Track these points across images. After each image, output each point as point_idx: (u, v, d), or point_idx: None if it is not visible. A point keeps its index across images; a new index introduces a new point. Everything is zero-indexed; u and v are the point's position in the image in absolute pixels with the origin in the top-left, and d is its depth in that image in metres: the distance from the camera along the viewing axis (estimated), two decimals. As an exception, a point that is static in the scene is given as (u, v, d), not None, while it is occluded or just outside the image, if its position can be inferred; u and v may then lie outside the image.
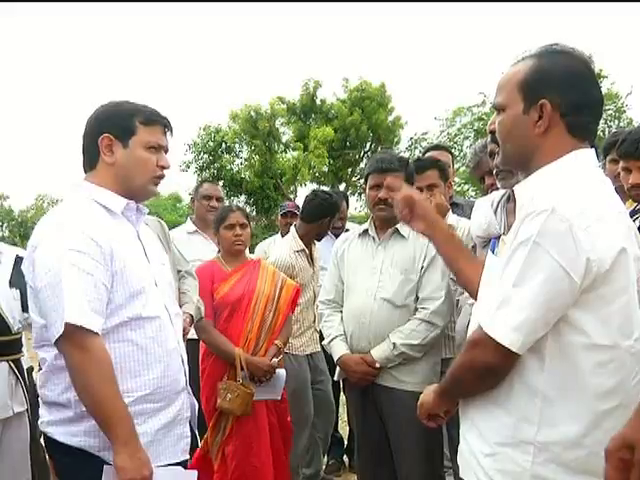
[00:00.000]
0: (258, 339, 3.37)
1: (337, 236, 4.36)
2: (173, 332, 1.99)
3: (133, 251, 1.95)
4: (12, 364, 2.77)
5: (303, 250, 3.85)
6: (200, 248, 4.10)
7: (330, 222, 3.94)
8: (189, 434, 2.04)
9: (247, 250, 3.71)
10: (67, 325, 1.73)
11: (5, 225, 37.90)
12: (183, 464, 2.00)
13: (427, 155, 3.96)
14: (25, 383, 2.85)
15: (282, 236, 4.72)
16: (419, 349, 2.84)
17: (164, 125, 2.02)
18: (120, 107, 2.00)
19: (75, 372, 1.76)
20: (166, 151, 2.03)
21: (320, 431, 3.99)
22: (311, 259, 3.94)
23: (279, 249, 3.93)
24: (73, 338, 1.74)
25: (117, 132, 1.94)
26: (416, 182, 3.12)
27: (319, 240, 4.02)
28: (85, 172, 2.01)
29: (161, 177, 2.02)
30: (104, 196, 1.94)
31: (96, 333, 1.76)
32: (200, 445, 3.23)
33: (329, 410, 4.02)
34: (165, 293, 2.02)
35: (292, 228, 3.98)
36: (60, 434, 1.84)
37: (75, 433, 1.82)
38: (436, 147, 4.45)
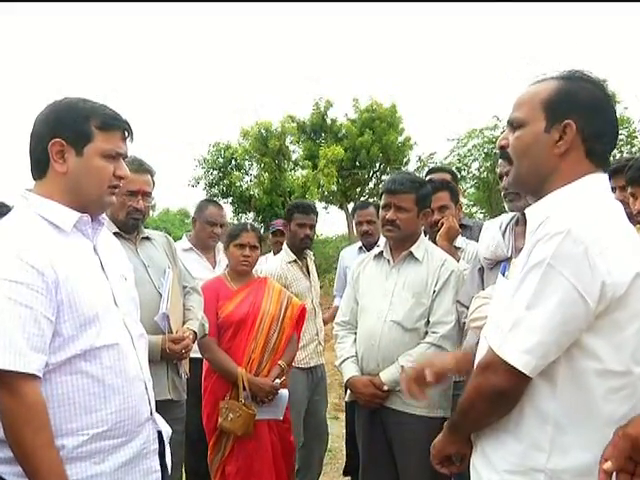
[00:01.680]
0: (261, 359, 3.34)
1: (368, 247, 4.19)
2: (135, 357, 1.79)
3: (87, 270, 1.73)
4: None
5: (295, 261, 3.90)
6: (194, 266, 4.02)
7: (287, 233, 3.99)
8: (158, 468, 1.85)
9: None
10: None
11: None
12: None
13: (428, 177, 3.95)
14: None
15: (274, 254, 4.81)
16: (427, 373, 2.80)
17: (124, 130, 1.79)
18: (74, 107, 1.74)
19: (4, 417, 1.56)
20: (124, 157, 1.81)
21: (312, 453, 3.92)
22: (307, 271, 3.96)
23: (272, 262, 4.01)
24: (3, 381, 1.54)
25: (70, 137, 1.70)
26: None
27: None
28: (34, 179, 1.78)
29: (117, 187, 1.80)
30: (52, 211, 1.71)
31: (32, 375, 1.55)
32: None
33: (322, 431, 3.98)
34: (127, 312, 1.82)
35: (285, 243, 4.09)
36: (8, 474, 1.63)
37: (23, 474, 1.60)
38: (437, 169, 4.46)
